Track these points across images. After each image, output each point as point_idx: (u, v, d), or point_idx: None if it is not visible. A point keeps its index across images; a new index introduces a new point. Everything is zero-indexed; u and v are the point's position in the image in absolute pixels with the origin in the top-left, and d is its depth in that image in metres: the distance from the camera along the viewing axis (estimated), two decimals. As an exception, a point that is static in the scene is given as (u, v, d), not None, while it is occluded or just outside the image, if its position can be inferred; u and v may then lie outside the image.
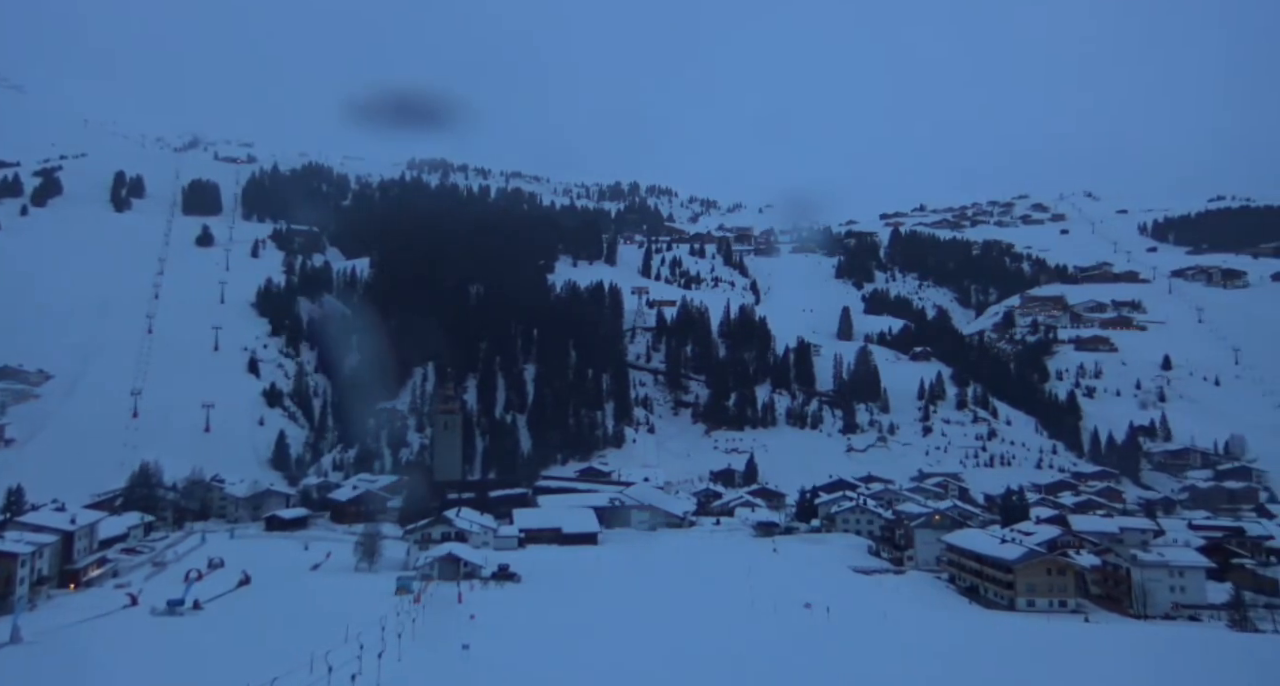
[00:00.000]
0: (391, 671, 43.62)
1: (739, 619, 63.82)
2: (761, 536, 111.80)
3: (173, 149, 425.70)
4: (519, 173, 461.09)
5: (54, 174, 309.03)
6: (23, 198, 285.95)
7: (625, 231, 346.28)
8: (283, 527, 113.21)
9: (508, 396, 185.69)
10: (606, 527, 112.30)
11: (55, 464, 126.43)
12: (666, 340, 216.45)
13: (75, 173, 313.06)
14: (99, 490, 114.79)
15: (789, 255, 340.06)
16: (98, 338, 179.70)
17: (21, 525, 79.08)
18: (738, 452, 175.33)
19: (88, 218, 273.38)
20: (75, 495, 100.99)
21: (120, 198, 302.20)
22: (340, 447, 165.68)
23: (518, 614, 66.79)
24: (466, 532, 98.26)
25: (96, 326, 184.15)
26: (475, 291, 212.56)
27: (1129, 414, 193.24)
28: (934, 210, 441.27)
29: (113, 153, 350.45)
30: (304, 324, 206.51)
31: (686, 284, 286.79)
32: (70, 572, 79.15)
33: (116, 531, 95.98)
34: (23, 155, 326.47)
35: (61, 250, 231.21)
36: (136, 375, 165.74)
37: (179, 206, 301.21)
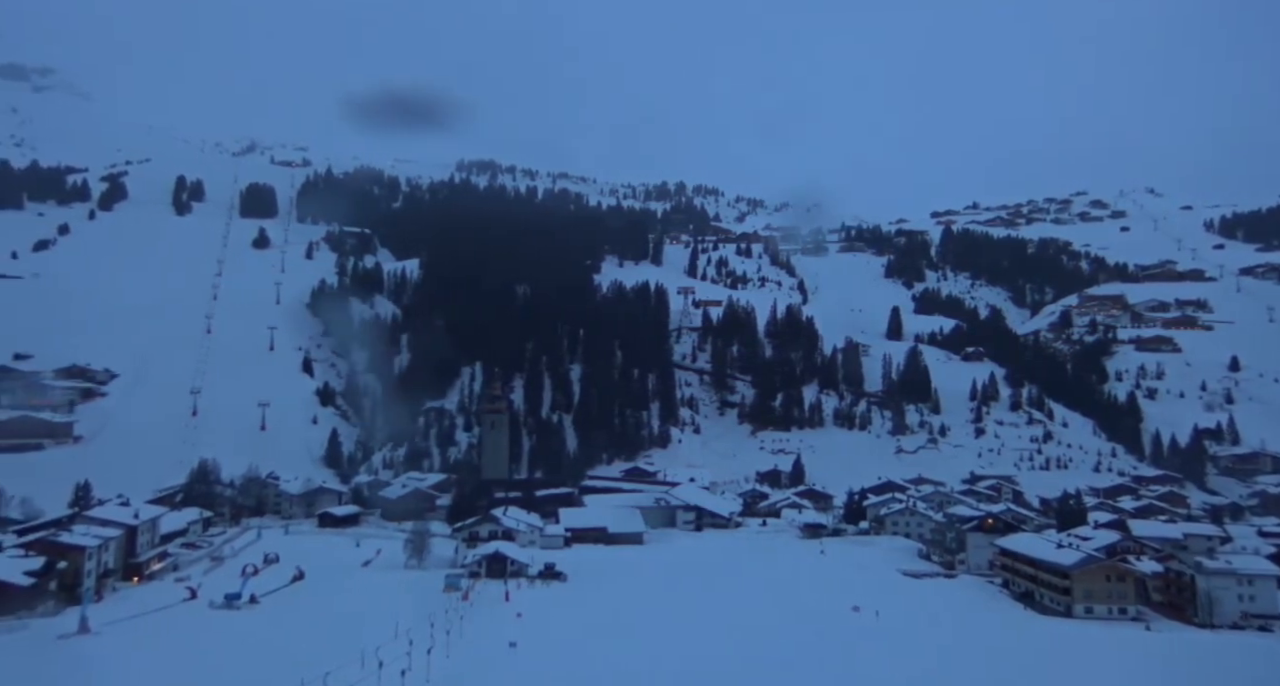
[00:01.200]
0: (440, 668, 44.13)
1: (785, 621, 63.16)
2: (808, 538, 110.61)
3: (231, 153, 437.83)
4: (566, 173, 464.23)
5: (119, 179, 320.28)
6: (90, 202, 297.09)
7: (671, 231, 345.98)
8: (335, 524, 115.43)
9: (554, 396, 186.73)
10: (652, 528, 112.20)
11: (119, 460, 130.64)
12: (712, 340, 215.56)
13: (139, 177, 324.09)
14: (160, 486, 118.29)
15: (837, 254, 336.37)
16: (159, 337, 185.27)
17: (88, 519, 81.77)
18: (784, 453, 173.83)
19: (151, 221, 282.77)
20: (138, 491, 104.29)
21: (181, 201, 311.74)
22: (390, 446, 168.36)
23: (564, 613, 67.08)
24: (513, 531, 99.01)
25: (158, 326, 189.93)
26: (522, 292, 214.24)
27: (1193, 416, 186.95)
28: (987, 208, 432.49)
29: (174, 158, 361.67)
30: (356, 324, 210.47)
31: (733, 284, 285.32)
32: (134, 566, 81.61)
33: (177, 526, 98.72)
34: (90, 161, 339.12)
35: (126, 252, 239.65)
36: (196, 374, 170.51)
37: (237, 209, 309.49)
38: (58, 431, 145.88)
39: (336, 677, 37.78)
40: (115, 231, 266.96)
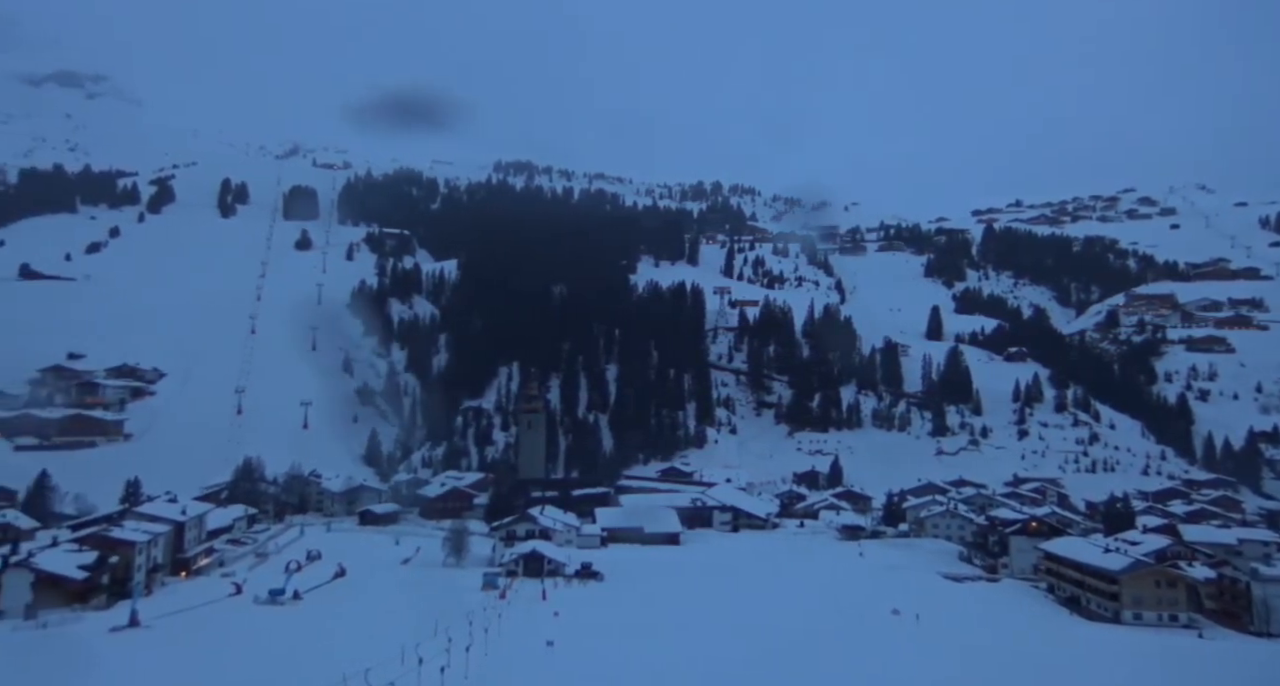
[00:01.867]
0: (479, 665, 44.32)
1: (823, 623, 62.48)
2: (846, 539, 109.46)
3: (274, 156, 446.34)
4: (602, 174, 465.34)
5: (167, 182, 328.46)
6: (140, 205, 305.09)
7: (707, 231, 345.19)
8: (375, 522, 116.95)
9: (590, 396, 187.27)
10: (688, 528, 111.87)
11: (168, 457, 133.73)
12: (749, 340, 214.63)
13: (186, 181, 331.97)
14: (207, 483, 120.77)
15: (875, 254, 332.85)
16: (206, 337, 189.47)
17: (138, 515, 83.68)
18: (822, 454, 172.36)
19: (197, 223, 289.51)
20: (185, 487, 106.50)
21: (226, 204, 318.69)
22: (429, 445, 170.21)
23: (601, 612, 67.08)
24: (550, 530, 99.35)
25: (204, 326, 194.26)
26: (559, 292, 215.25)
27: (1248, 418, 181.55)
28: (1031, 205, 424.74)
29: (220, 161, 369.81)
30: (395, 324, 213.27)
31: (769, 283, 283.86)
32: (181, 561, 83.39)
33: (223, 523, 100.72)
34: (140, 165, 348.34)
35: (173, 254, 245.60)
36: (240, 373, 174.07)
37: (280, 211, 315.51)
38: (109, 429, 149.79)
39: (377, 673, 38.14)
40: (163, 233, 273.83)
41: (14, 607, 61.85)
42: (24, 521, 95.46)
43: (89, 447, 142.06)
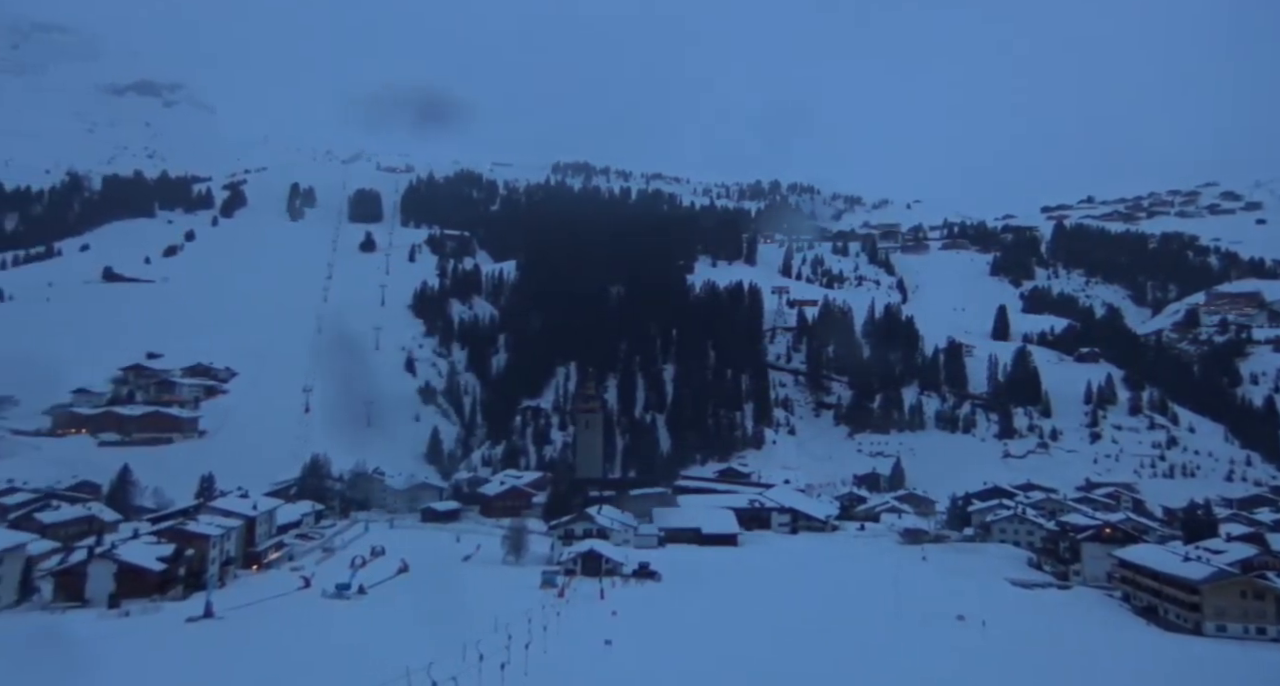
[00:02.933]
0: (538, 663, 44.60)
1: (884, 628, 61.26)
2: (909, 543, 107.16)
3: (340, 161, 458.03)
4: (659, 174, 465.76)
5: (239, 187, 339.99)
6: (213, 209, 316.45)
7: (765, 231, 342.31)
8: (437, 519, 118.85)
9: (647, 396, 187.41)
10: (746, 529, 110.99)
11: (239, 454, 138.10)
12: (808, 340, 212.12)
13: (257, 185, 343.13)
14: (276, 479, 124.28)
15: (939, 252, 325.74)
16: (275, 337, 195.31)
17: (212, 509, 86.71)
18: (883, 456, 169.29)
19: (267, 226, 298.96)
20: (256, 483, 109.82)
21: (295, 207, 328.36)
22: (488, 444, 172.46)
23: (658, 612, 66.93)
24: (608, 530, 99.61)
25: (274, 326, 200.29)
26: (616, 292, 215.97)
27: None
28: (1103, 201, 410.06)
29: (289, 166, 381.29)
30: (455, 325, 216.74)
31: (828, 283, 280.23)
32: (253, 555, 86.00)
33: (292, 518, 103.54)
34: (214, 170, 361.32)
35: (245, 256, 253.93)
36: (308, 372, 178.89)
37: (345, 214, 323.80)
38: (185, 426, 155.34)
39: (439, 668, 38.64)
40: (235, 237, 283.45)
41: (99, 596, 64.63)
42: (107, 514, 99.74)
43: (166, 444, 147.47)
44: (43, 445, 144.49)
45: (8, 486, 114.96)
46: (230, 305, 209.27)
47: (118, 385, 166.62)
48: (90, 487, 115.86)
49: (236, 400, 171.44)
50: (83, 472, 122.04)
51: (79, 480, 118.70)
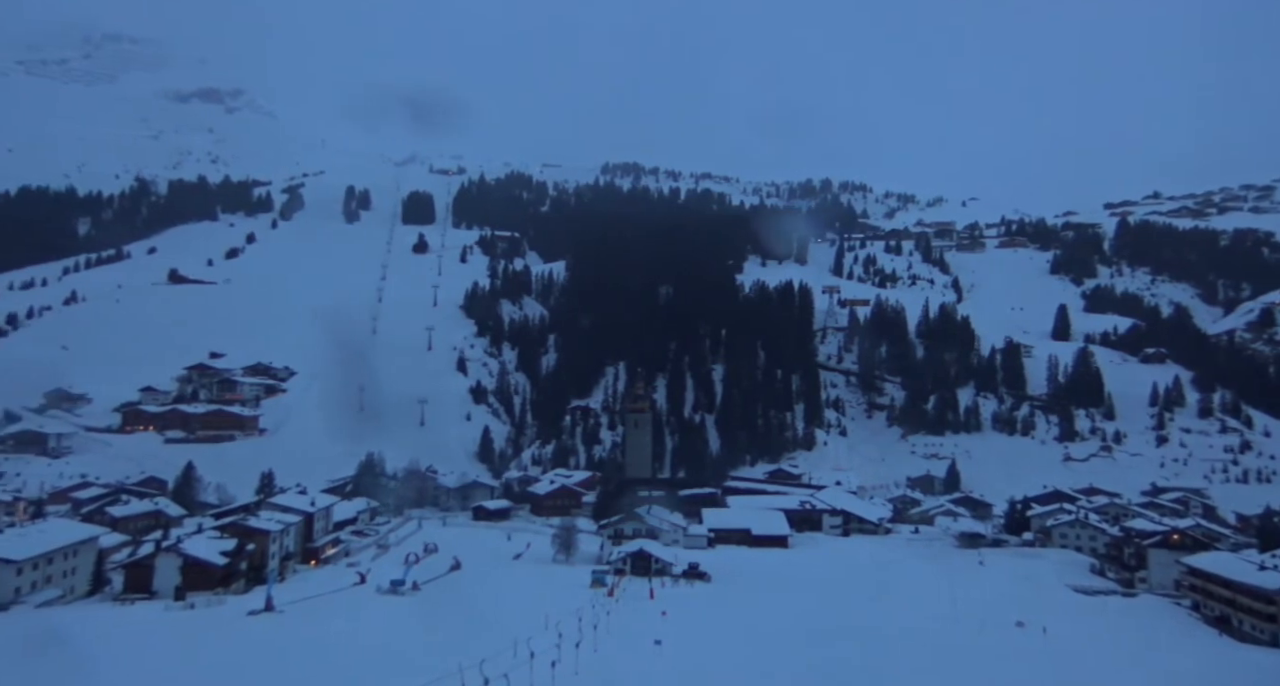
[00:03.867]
0: (588, 662, 44.62)
1: (940, 631, 59.89)
2: (965, 547, 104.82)
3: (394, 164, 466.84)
4: (709, 174, 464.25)
5: (298, 190, 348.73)
6: (273, 212, 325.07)
7: (816, 230, 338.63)
8: (488, 517, 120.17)
9: (696, 396, 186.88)
10: (796, 531, 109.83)
11: (297, 451, 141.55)
12: (859, 340, 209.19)
13: (315, 188, 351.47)
14: (333, 476, 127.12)
15: (995, 250, 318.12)
16: (331, 337, 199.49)
17: (272, 506, 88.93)
18: (937, 458, 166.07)
19: (324, 228, 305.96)
20: (313, 480, 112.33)
21: (350, 210, 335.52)
22: (538, 443, 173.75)
23: (708, 613, 66.55)
24: (657, 530, 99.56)
25: (330, 327, 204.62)
26: (665, 292, 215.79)
27: None
28: (1170, 197, 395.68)
29: (345, 169, 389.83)
30: (506, 325, 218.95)
31: (881, 282, 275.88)
32: (311, 550, 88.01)
33: (347, 515, 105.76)
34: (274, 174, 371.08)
35: (303, 258, 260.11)
36: (362, 372, 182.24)
37: (399, 216, 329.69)
38: (246, 424, 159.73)
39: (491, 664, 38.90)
40: (294, 239, 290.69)
41: (165, 589, 66.73)
42: (173, 509, 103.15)
43: (229, 441, 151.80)
44: (113, 442, 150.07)
45: (80, 481, 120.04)
46: (289, 305, 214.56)
47: (183, 384, 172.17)
48: (157, 483, 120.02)
49: (295, 399, 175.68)
50: (150, 468, 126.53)
51: (146, 476, 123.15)
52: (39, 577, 66.40)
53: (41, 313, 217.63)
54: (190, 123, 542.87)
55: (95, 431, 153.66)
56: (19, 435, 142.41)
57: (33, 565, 65.76)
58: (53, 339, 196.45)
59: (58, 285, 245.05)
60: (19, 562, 64.31)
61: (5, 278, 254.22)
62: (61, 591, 67.88)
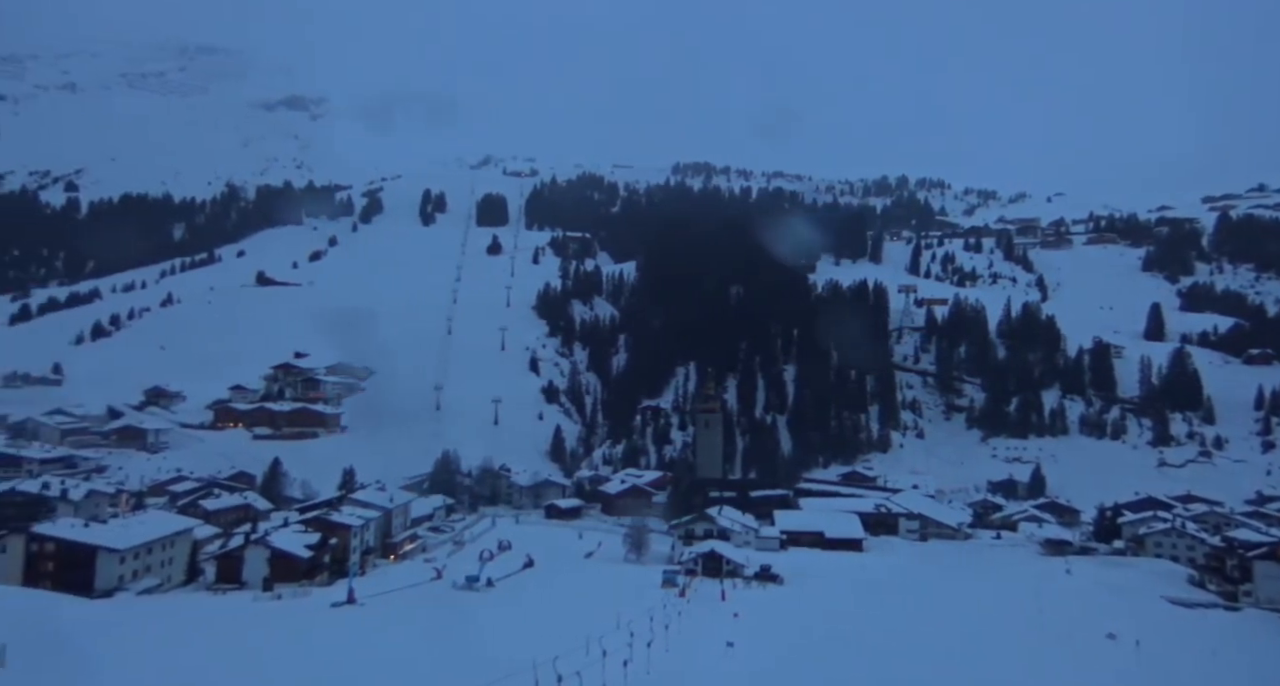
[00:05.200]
0: (660, 661, 44.39)
1: (1025, 642, 57.59)
2: (1051, 554, 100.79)
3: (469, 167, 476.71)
4: (780, 172, 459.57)
5: (377, 195, 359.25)
6: (354, 216, 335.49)
7: (891, 228, 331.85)
8: (560, 516, 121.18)
9: (768, 397, 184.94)
10: (872, 535, 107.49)
11: (376, 449, 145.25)
12: (937, 341, 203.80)
13: (393, 192, 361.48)
14: (410, 474, 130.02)
15: (1083, 247, 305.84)
16: (408, 337, 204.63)
17: (353, 502, 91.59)
18: (1020, 462, 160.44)
19: (402, 231, 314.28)
20: (391, 477, 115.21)
21: (427, 213, 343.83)
22: (609, 443, 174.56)
23: (781, 616, 65.53)
24: (728, 531, 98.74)
25: (408, 327, 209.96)
26: (736, 292, 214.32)
27: None
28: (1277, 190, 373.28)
29: (421, 173, 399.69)
30: (577, 325, 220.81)
31: (960, 281, 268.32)
32: (390, 545, 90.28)
33: (424, 511, 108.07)
34: (354, 179, 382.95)
35: (381, 260, 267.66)
36: (438, 371, 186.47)
37: (473, 219, 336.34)
38: (328, 422, 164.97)
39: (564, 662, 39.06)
40: (373, 242, 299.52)
41: (254, 580, 69.38)
42: (261, 503, 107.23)
43: (311, 438, 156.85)
44: (205, 437, 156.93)
45: (176, 475, 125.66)
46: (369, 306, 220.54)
47: (269, 382, 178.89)
48: (246, 478, 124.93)
49: (374, 397, 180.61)
50: (239, 464, 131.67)
51: (236, 471, 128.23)
52: (140, 566, 69.70)
53: (141, 314, 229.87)
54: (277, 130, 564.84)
55: (189, 428, 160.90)
56: (121, 431, 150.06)
57: (134, 554, 69.04)
58: (151, 339, 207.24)
59: (155, 287, 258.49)
60: (122, 551, 67.56)
61: (109, 280, 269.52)
62: (160, 580, 71.11)
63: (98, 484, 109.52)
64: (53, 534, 67.17)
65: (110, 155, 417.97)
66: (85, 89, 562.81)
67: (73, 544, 66.29)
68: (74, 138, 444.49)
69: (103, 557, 66.19)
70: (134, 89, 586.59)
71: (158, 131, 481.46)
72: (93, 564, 65.76)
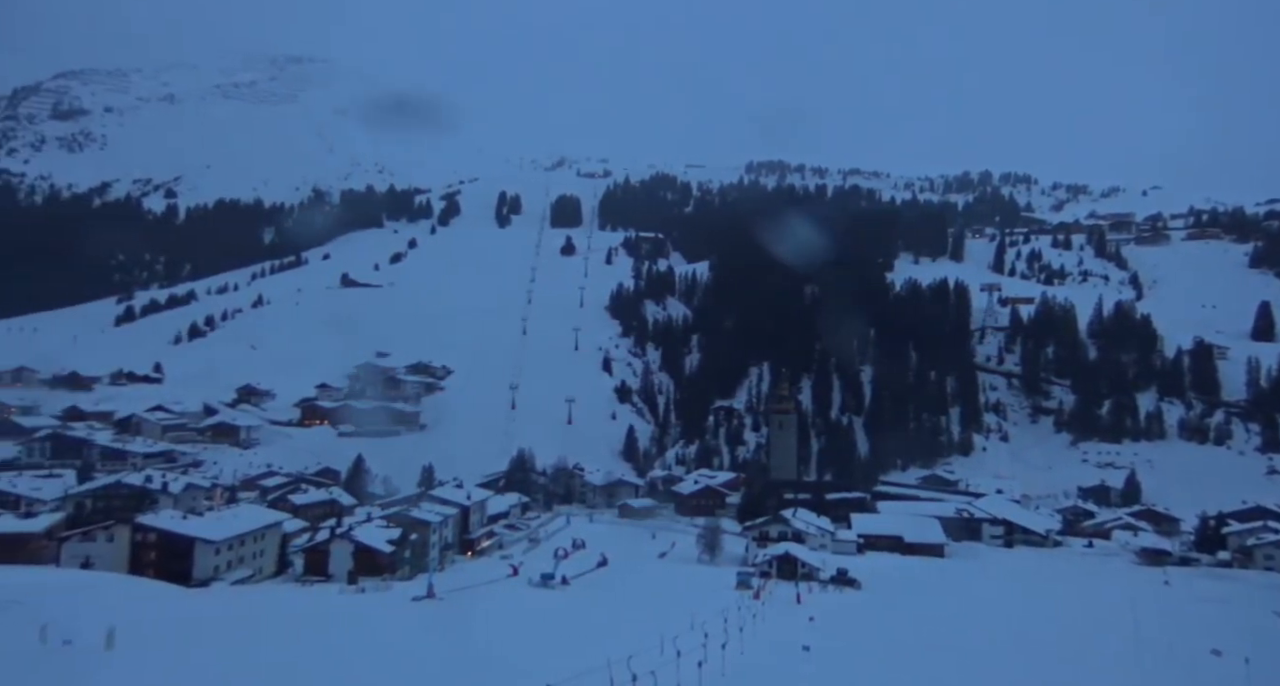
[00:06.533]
0: (735, 663, 43.79)
1: (1120, 657, 54.74)
2: (1148, 565, 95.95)
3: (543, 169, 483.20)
4: (857, 169, 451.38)
5: (454, 197, 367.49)
6: (432, 218, 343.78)
7: (973, 224, 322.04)
8: (633, 515, 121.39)
9: (844, 398, 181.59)
10: (953, 540, 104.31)
11: (454, 447, 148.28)
12: (1022, 341, 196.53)
13: (470, 195, 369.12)
14: (486, 472, 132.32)
15: (1182, 243, 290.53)
16: (485, 337, 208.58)
17: (432, 498, 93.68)
18: (1113, 467, 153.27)
19: (478, 233, 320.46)
20: (468, 475, 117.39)
21: (502, 215, 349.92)
22: (682, 443, 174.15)
23: (859, 621, 63.99)
24: (803, 534, 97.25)
25: (484, 327, 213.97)
26: (810, 292, 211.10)
27: None
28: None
29: (497, 176, 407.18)
30: (650, 325, 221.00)
31: (1047, 279, 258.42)
32: (467, 541, 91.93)
33: (500, 509, 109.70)
34: (433, 182, 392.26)
35: (459, 262, 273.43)
36: (514, 371, 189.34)
37: (548, 220, 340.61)
38: (408, 420, 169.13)
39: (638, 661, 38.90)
40: (451, 244, 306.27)
41: (340, 573, 71.53)
42: (345, 498, 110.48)
43: (393, 436, 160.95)
44: (293, 434, 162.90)
45: (266, 470, 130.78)
46: (446, 307, 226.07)
47: (352, 381, 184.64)
48: (331, 474, 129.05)
49: (452, 396, 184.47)
50: (324, 460, 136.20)
51: (322, 467, 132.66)
52: (233, 557, 72.59)
53: (233, 314, 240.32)
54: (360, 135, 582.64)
55: (278, 425, 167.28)
56: (216, 427, 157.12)
57: (229, 546, 71.93)
58: (243, 339, 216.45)
59: (246, 289, 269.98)
60: (218, 543, 70.46)
61: (204, 283, 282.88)
62: (252, 571, 73.91)
63: (195, 478, 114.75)
64: (155, 525, 70.52)
65: (206, 162, 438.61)
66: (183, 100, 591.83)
67: (173, 535, 69.47)
68: (173, 147, 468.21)
69: (200, 548, 69.15)
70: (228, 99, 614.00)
71: (249, 139, 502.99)
72: (190, 554, 68.77)
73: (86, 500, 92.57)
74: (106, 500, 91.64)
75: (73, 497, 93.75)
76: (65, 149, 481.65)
